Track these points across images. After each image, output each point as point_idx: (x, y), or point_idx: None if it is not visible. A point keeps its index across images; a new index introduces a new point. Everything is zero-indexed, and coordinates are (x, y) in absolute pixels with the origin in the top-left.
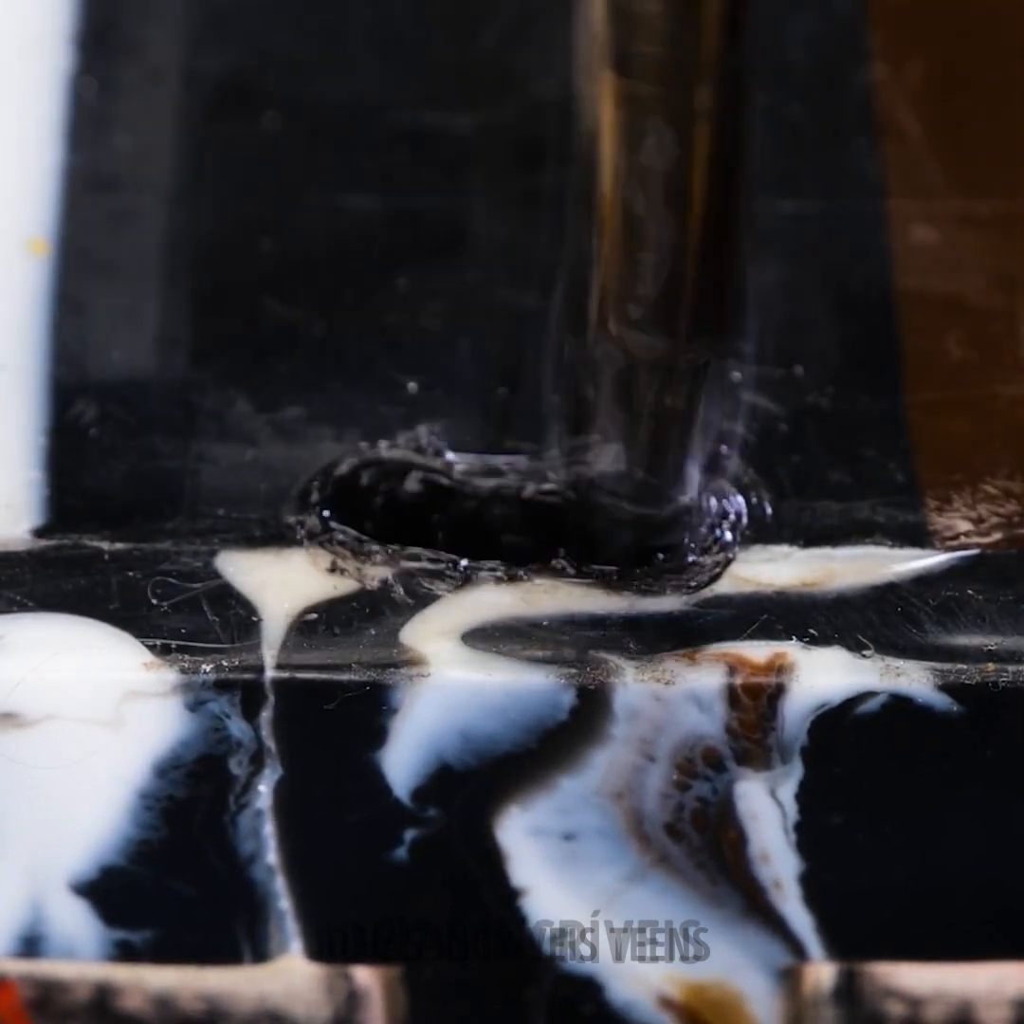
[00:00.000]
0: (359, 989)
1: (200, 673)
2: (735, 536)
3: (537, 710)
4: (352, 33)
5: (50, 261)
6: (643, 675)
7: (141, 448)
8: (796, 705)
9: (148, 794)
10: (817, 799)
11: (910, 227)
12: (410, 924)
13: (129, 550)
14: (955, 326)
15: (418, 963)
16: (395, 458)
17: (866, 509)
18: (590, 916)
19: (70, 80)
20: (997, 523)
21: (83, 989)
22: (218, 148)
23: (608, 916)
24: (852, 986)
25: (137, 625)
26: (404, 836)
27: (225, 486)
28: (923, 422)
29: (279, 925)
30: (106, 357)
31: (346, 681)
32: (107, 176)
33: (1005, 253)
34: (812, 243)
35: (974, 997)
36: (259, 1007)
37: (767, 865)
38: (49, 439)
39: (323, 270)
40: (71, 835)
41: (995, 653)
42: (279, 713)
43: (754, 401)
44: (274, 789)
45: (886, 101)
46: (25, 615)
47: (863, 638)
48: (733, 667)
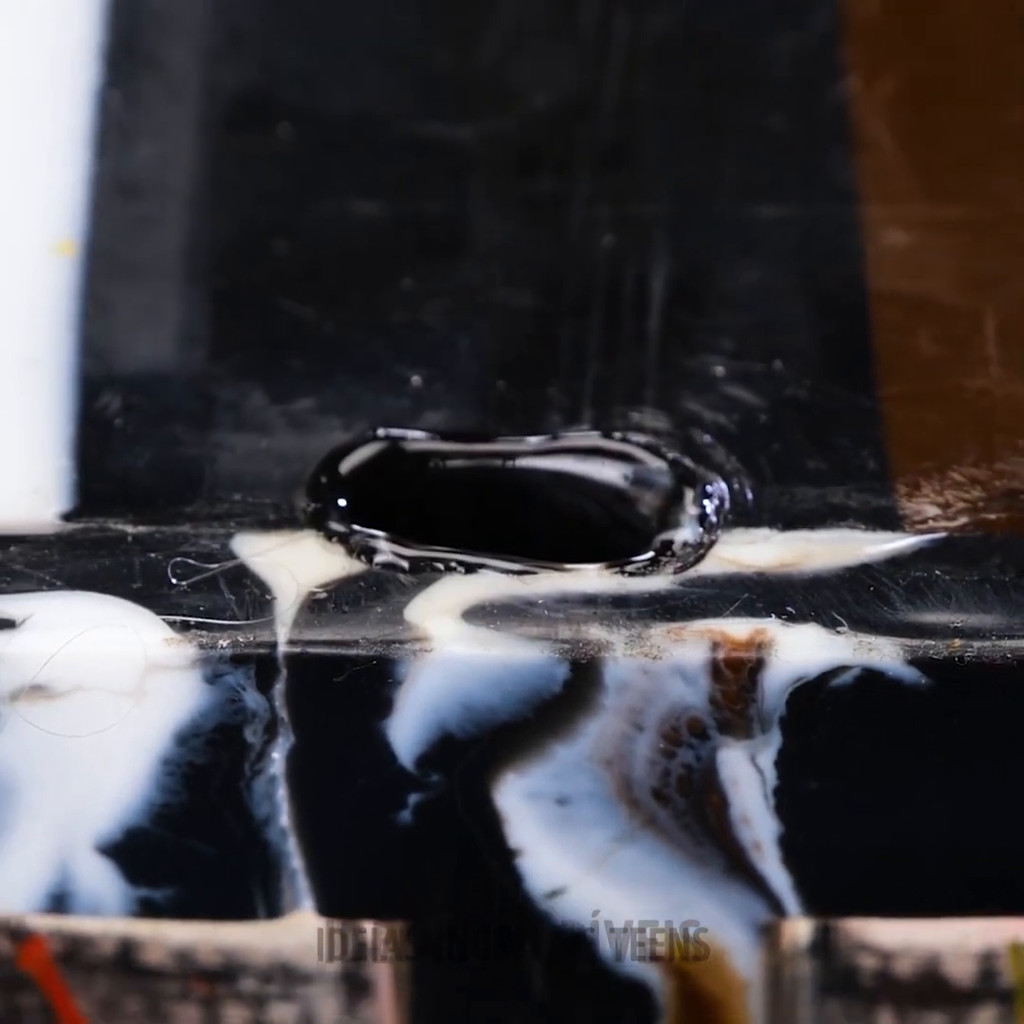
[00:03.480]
0: (366, 943)
1: (217, 648)
2: (719, 520)
3: (533, 682)
4: (360, 49)
5: (78, 262)
6: (632, 650)
7: (163, 437)
8: (775, 678)
9: (169, 761)
10: (794, 766)
11: (883, 231)
12: (413, 882)
13: (151, 533)
14: (925, 324)
15: (421, 919)
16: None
17: (841, 495)
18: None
19: (97, 93)
20: (963, 508)
21: (108, 943)
22: (235, 157)
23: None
24: (827, 940)
25: (158, 603)
26: (408, 800)
27: (241, 473)
28: (894, 413)
29: (291, 883)
30: (130, 352)
31: (354, 655)
32: (131, 183)
33: (972, 255)
34: (791, 246)
35: (941, 951)
36: (273, 960)
37: (748, 828)
38: (77, 428)
39: (333, 271)
40: (97, 799)
41: (961, 630)
42: (291, 685)
43: (737, 394)
44: (287, 756)
45: (860, 113)
46: (54, 594)
47: (837, 615)
48: (716, 643)
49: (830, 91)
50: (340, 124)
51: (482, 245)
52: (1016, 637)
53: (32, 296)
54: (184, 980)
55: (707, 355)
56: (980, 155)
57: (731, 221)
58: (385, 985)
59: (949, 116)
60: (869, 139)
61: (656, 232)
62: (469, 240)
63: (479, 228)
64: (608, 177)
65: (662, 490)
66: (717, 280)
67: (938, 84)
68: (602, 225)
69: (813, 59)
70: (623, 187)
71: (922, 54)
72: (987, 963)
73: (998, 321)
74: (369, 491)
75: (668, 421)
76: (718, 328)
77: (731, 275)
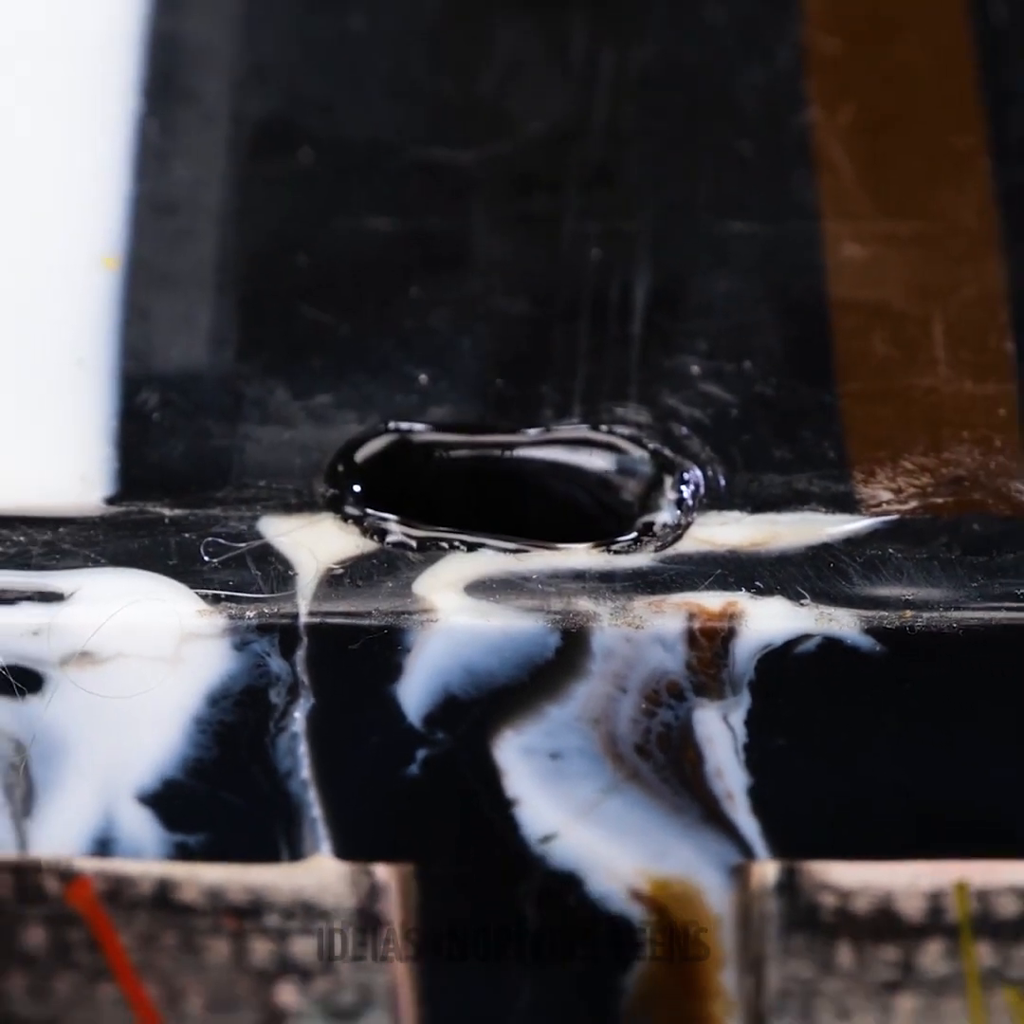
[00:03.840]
0: (379, 883)
1: (245, 619)
2: (695, 503)
3: (528, 650)
4: (373, 82)
5: (120, 274)
6: (617, 620)
7: (196, 430)
8: (745, 645)
9: (202, 720)
10: (762, 724)
11: (841, 245)
12: (421, 829)
13: (185, 515)
14: (879, 328)
15: (428, 861)
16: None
17: (804, 481)
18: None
19: (137, 122)
20: (914, 493)
21: (147, 883)
22: (260, 178)
23: (588, 822)
24: (792, 881)
25: (192, 578)
26: (416, 755)
27: (266, 462)
28: (852, 409)
29: (311, 829)
30: (167, 354)
31: (367, 625)
32: (167, 202)
33: (921, 267)
34: (759, 258)
35: (894, 890)
36: (295, 898)
37: (721, 780)
38: (119, 422)
39: (348, 281)
40: (137, 754)
41: (911, 602)
42: (311, 652)
43: (711, 390)
44: (307, 716)
45: (821, 139)
46: (99, 570)
47: (801, 589)
48: (692, 613)
49: (794, 119)
50: (355, 149)
51: (482, 258)
52: (961, 609)
53: (80, 304)
54: (215, 916)
55: (684, 356)
56: (928, 176)
57: (706, 236)
58: (396, 919)
59: (900, 142)
60: (829, 162)
61: (639, 246)
62: (470, 254)
63: (479, 243)
64: (596, 196)
65: (644, 477)
66: (693, 289)
67: (890, 113)
68: (590, 240)
69: (779, 91)
70: (609, 205)
71: (876, 86)
72: (935, 901)
73: (945, 326)
74: (381, 478)
75: (649, 415)
76: (694, 332)
77: (706, 284)
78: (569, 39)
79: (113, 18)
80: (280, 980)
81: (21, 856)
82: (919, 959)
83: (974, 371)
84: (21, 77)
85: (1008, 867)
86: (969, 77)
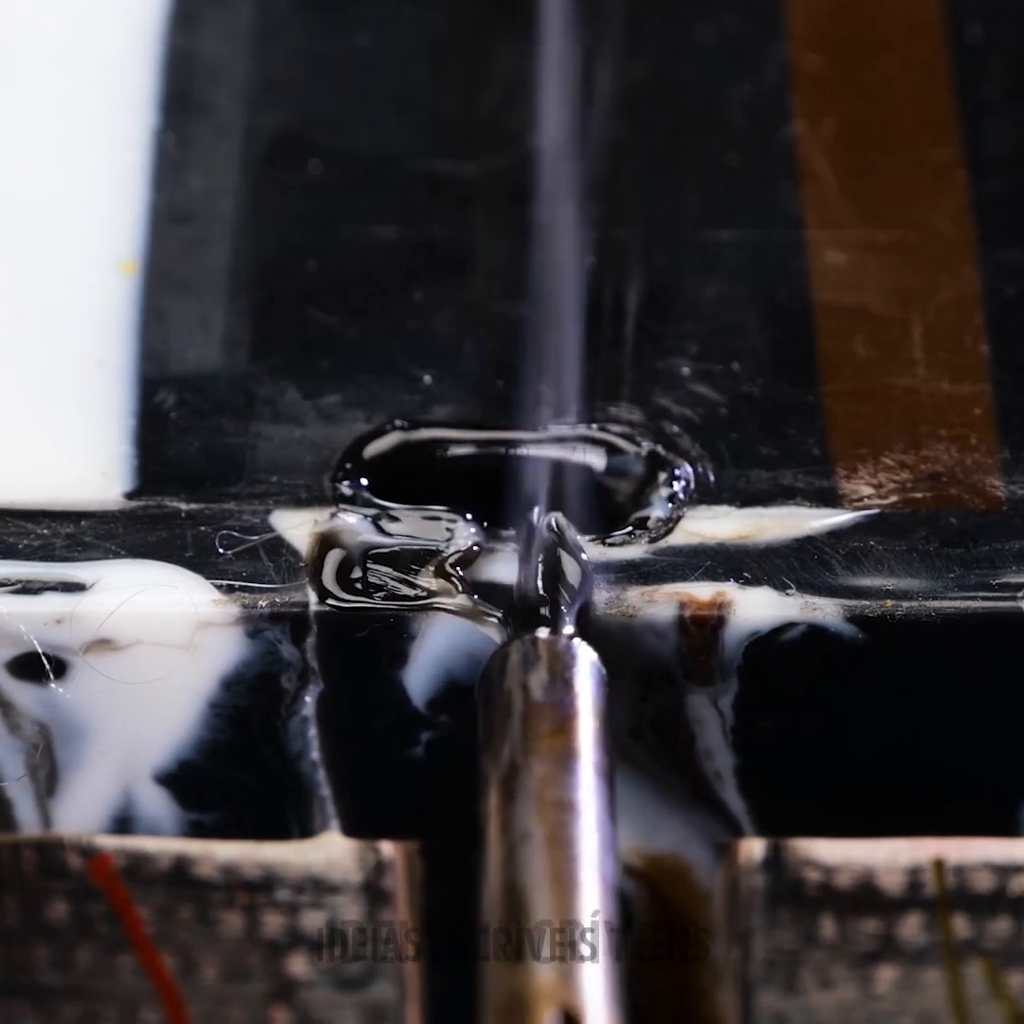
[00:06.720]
0: (385, 859)
1: (258, 608)
2: (685, 498)
3: None
4: (379, 97)
5: (138, 279)
6: (612, 609)
7: (210, 428)
8: (733, 633)
9: (216, 704)
10: (750, 708)
11: (824, 252)
12: (425, 807)
13: (201, 509)
14: (860, 331)
15: (431, 838)
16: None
17: (789, 477)
18: None
19: (154, 135)
20: (893, 488)
21: (164, 859)
22: (272, 189)
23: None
24: (777, 857)
25: (207, 569)
26: (421, 737)
27: (278, 458)
28: (835, 407)
29: (321, 808)
30: (183, 356)
31: (374, 614)
32: (183, 211)
33: (900, 272)
34: (746, 264)
35: (875, 866)
36: (305, 874)
37: (710, 760)
38: (137, 421)
39: (356, 286)
40: (155, 737)
41: (892, 592)
42: (321, 639)
43: (700, 390)
44: (317, 700)
45: (805, 151)
46: (119, 561)
47: (787, 580)
48: (683, 603)
49: (780, 133)
50: (362, 161)
51: (483, 265)
52: (939, 598)
53: (100, 308)
54: (229, 891)
55: (675, 358)
56: (907, 187)
57: (695, 244)
58: (401, 893)
59: (880, 154)
60: (813, 174)
61: (631, 253)
62: (472, 261)
63: (480, 250)
64: (590, 207)
65: (637, 473)
66: (683, 294)
67: (871, 127)
68: (585, 248)
69: (765, 106)
70: (603, 215)
71: (858, 102)
72: (914, 876)
73: (923, 329)
74: (387, 473)
75: (642, 414)
76: (684, 335)
77: (695, 290)
78: (565, 57)
79: (131, 37)
80: (291, 951)
81: (45, 834)
82: (898, 931)
83: (951, 372)
84: (45, 94)
85: (983, 844)
86: (946, 93)
